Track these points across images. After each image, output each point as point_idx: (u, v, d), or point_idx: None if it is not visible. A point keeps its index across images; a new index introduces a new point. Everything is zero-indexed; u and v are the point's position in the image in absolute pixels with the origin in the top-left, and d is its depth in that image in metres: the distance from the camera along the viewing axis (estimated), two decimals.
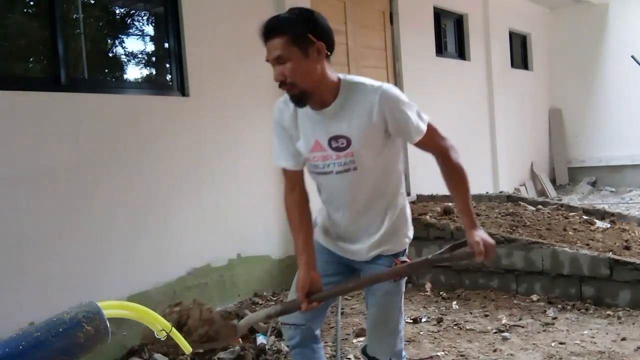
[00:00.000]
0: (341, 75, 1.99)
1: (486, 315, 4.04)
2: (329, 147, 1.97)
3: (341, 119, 1.95)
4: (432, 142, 2.02)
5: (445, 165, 2.04)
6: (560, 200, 8.01)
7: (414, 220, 5.57)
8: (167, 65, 4.48)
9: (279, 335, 3.90)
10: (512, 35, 9.87)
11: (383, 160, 2.03)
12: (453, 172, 2.04)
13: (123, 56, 4.56)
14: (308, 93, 1.90)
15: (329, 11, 5.80)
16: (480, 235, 1.97)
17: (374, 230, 2.09)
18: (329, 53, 1.92)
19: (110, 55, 4.51)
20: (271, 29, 1.87)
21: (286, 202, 2.14)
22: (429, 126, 2.00)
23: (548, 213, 5.62)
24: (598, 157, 10.75)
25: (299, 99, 1.92)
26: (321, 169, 2.03)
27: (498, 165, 8.74)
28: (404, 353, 2.24)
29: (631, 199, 9.30)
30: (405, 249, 2.18)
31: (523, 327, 3.77)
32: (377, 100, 1.91)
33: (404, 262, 2.09)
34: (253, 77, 4.78)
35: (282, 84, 1.90)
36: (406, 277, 2.20)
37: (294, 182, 2.12)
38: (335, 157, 1.98)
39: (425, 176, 7.03)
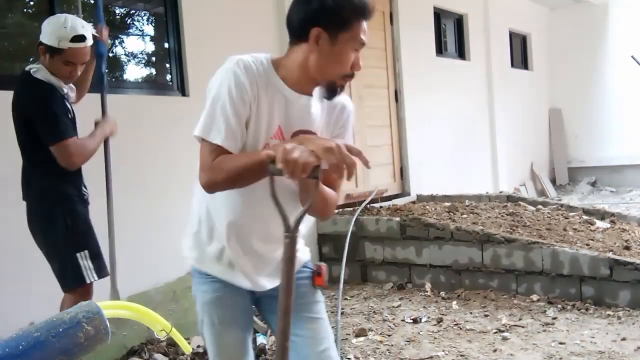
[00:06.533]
0: None
1: (486, 315, 4.04)
2: (291, 138, 1.63)
3: (318, 115, 1.69)
4: None
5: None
6: (560, 200, 8.00)
7: (414, 220, 5.52)
8: (167, 65, 4.48)
9: None
10: (512, 35, 9.87)
11: None
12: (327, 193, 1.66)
13: (123, 56, 4.57)
14: None
15: None
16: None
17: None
18: None
19: (110, 55, 4.51)
20: (373, 10, 1.58)
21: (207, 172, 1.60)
22: None
23: (548, 213, 5.61)
24: (598, 157, 10.75)
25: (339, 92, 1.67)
26: None
27: (498, 165, 8.74)
28: None
29: (631, 199, 9.30)
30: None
31: (523, 327, 3.76)
32: (347, 116, 1.75)
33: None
34: None
35: (352, 76, 1.65)
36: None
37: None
38: None
39: (425, 176, 7.04)
